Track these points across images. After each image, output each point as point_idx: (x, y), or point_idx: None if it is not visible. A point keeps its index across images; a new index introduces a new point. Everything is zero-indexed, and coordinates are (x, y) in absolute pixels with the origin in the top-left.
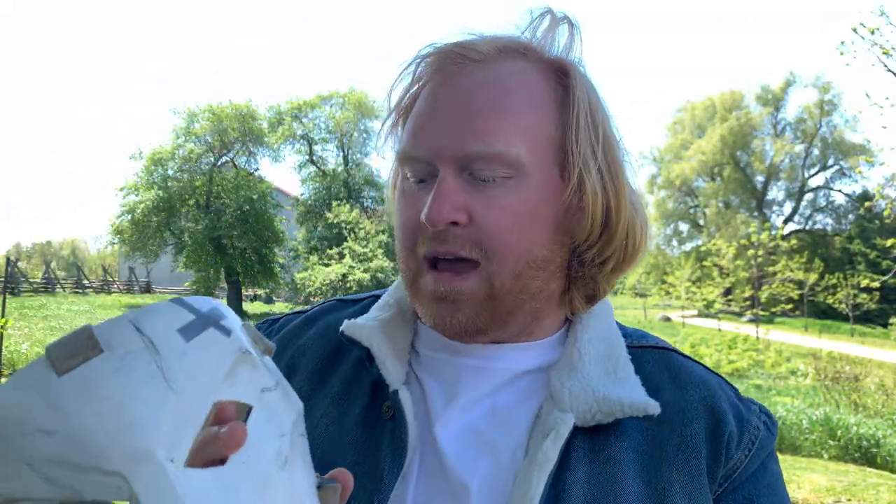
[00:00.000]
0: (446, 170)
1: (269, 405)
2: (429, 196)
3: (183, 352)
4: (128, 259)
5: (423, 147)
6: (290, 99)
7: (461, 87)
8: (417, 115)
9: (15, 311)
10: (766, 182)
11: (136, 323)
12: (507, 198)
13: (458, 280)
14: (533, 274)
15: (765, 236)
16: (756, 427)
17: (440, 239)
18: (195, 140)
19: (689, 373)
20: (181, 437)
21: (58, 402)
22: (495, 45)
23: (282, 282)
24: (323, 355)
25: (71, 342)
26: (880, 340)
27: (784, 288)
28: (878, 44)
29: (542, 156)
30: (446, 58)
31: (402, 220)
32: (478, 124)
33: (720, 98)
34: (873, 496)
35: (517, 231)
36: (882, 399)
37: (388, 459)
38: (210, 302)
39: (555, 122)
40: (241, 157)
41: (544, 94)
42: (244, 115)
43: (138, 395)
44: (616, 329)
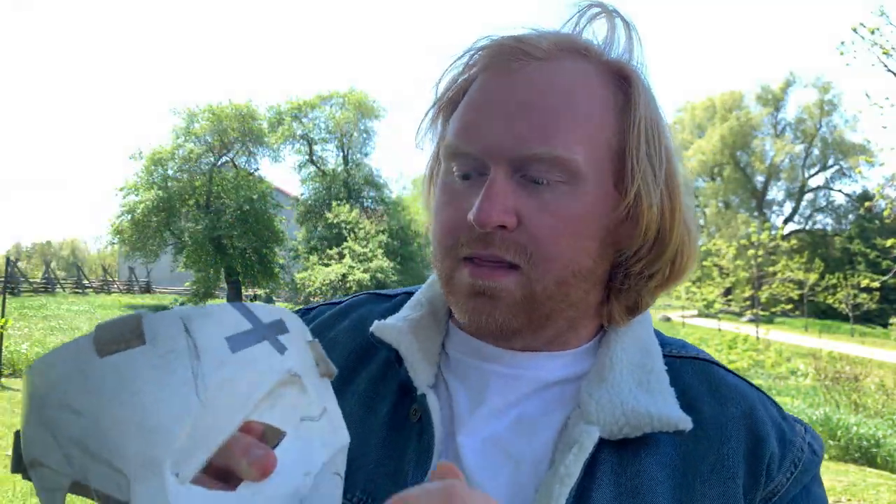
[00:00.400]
0: (498, 169)
1: (305, 436)
2: (475, 195)
3: (223, 362)
4: (128, 259)
5: (476, 143)
6: (290, 99)
7: (521, 84)
8: (469, 108)
9: (15, 311)
10: (766, 182)
11: (187, 321)
12: (560, 203)
13: (497, 276)
14: (576, 283)
15: (765, 236)
16: (800, 449)
17: (485, 241)
18: (195, 140)
19: (729, 387)
20: (194, 453)
21: (91, 384)
22: (556, 42)
23: (282, 282)
24: (352, 350)
25: (119, 326)
26: (880, 340)
27: (784, 288)
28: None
29: (599, 164)
30: (504, 51)
31: (443, 218)
32: (538, 125)
33: (720, 98)
34: (873, 496)
35: (566, 239)
36: (882, 399)
37: (412, 464)
38: (278, 313)
39: (614, 130)
40: (241, 157)
41: (606, 99)
42: (244, 115)
43: (164, 400)
44: (654, 338)
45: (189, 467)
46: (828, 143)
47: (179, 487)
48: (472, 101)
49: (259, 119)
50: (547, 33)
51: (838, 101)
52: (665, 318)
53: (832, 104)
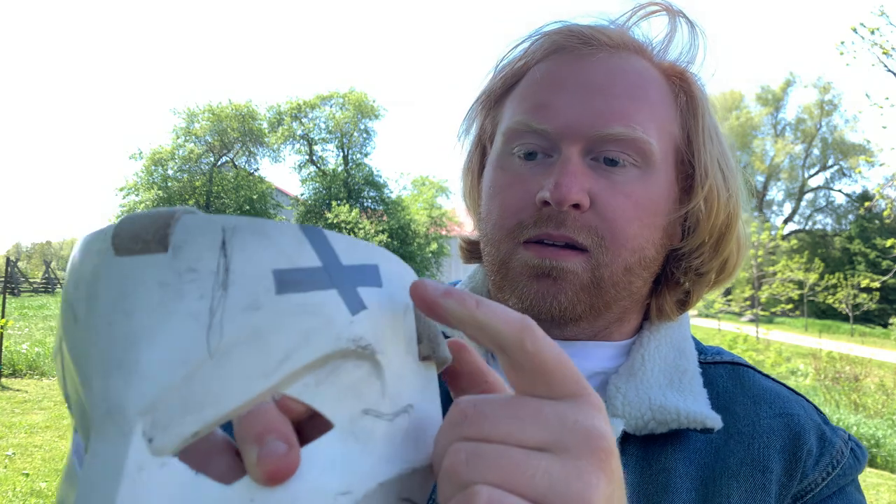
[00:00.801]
0: (572, 149)
1: (362, 437)
2: (542, 175)
3: (258, 303)
4: None
5: (551, 121)
6: (290, 99)
7: (595, 67)
8: (540, 87)
9: (15, 311)
10: (766, 182)
11: (229, 235)
12: (632, 186)
13: (566, 256)
14: (639, 272)
15: (765, 236)
16: (840, 451)
17: (557, 221)
18: (195, 140)
19: (765, 389)
20: (182, 417)
21: (95, 286)
22: (622, 35)
23: None
24: None
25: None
26: (880, 340)
27: (784, 288)
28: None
29: (667, 154)
30: (576, 37)
31: (504, 199)
32: (617, 106)
33: (720, 98)
34: (873, 496)
35: (637, 224)
36: (882, 399)
37: None
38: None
39: (677, 122)
40: (241, 158)
41: (669, 90)
42: (244, 115)
43: (160, 333)
44: (690, 342)
45: (170, 435)
46: (828, 143)
47: (147, 457)
48: (541, 81)
49: (259, 119)
50: (614, 27)
51: (838, 101)
52: None
53: (832, 104)
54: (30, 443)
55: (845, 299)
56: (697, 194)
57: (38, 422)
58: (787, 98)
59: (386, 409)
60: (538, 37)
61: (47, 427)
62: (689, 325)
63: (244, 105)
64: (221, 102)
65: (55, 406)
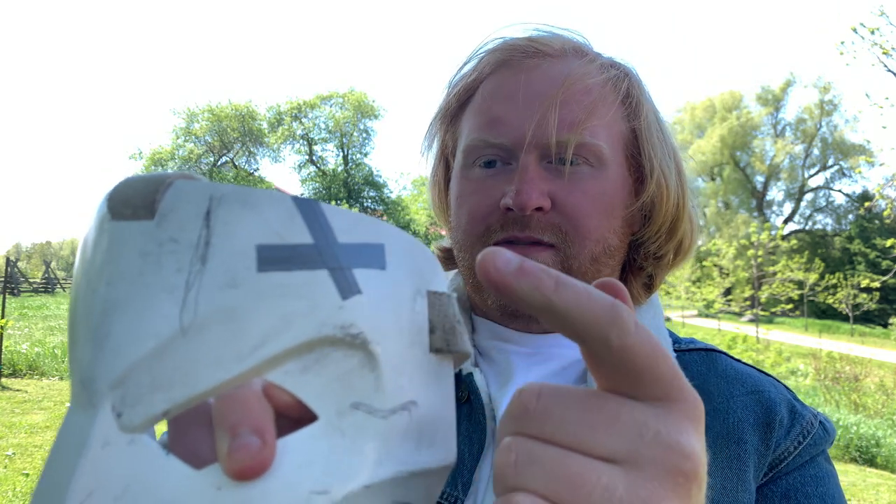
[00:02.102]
0: (528, 156)
1: (349, 433)
2: (503, 182)
3: (235, 281)
4: None
5: (505, 134)
6: (290, 99)
7: (540, 78)
8: (491, 103)
9: (15, 311)
10: (766, 182)
11: (213, 205)
12: (588, 184)
13: (536, 252)
14: (606, 261)
15: (765, 236)
16: (810, 422)
17: (522, 224)
18: (195, 140)
19: (738, 371)
20: (152, 394)
21: (90, 249)
22: (566, 41)
23: None
24: None
25: (141, 185)
26: (880, 340)
27: (784, 288)
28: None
29: (617, 150)
30: (518, 50)
31: (470, 207)
32: (566, 114)
33: (720, 98)
34: (873, 496)
35: (597, 216)
36: (882, 399)
37: (466, 442)
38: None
39: (624, 118)
40: (241, 158)
41: (614, 89)
42: (244, 116)
43: (134, 305)
44: (665, 331)
45: (138, 412)
46: (828, 143)
47: (114, 432)
48: (493, 96)
49: (259, 119)
50: (556, 35)
51: (838, 101)
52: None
53: (832, 104)
54: (30, 443)
55: (845, 299)
56: (649, 185)
57: (38, 422)
58: (787, 98)
59: (380, 405)
60: (484, 54)
61: (47, 427)
62: (663, 315)
63: (244, 105)
64: (221, 102)
65: (55, 406)
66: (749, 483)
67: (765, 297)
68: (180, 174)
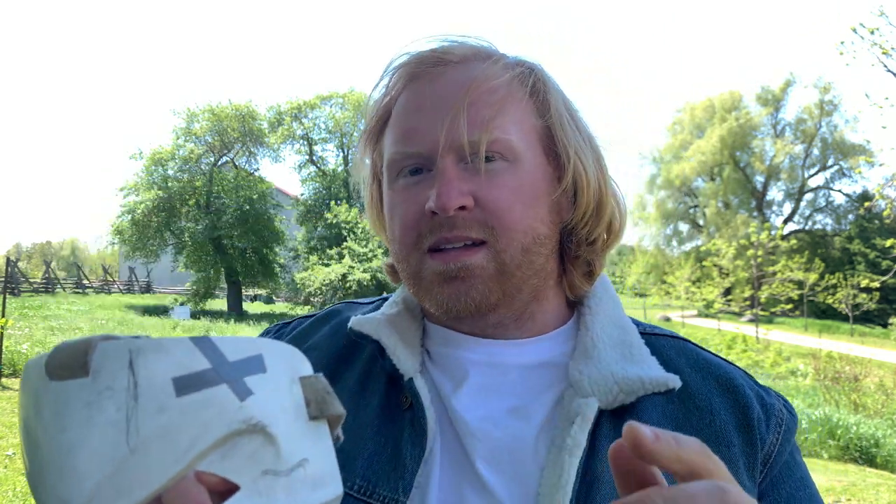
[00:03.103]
0: (446, 160)
1: (264, 492)
2: (427, 188)
3: (163, 407)
4: (128, 259)
5: (420, 143)
6: (290, 99)
7: (446, 84)
8: (404, 116)
9: (15, 311)
10: (765, 182)
11: (134, 355)
12: (506, 178)
13: (468, 255)
14: (537, 250)
15: (764, 236)
16: (780, 410)
17: (449, 225)
18: (195, 140)
19: (707, 360)
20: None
21: (36, 408)
22: (468, 47)
23: (282, 282)
24: (336, 352)
25: (70, 351)
26: (880, 340)
27: (784, 288)
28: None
29: (531, 143)
30: (423, 62)
31: (401, 216)
32: (474, 115)
33: (720, 98)
34: (873, 496)
35: (520, 207)
36: (882, 399)
37: (408, 447)
38: (257, 347)
39: (534, 112)
40: (241, 158)
41: (521, 85)
42: (244, 115)
43: (88, 442)
44: (628, 319)
45: None
46: (828, 143)
47: None
48: (404, 110)
49: (259, 119)
50: (459, 43)
51: (838, 101)
52: (665, 318)
53: (832, 104)
54: None
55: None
56: (567, 171)
57: None
58: (787, 98)
59: (282, 467)
60: (393, 72)
61: None
62: (621, 304)
63: (244, 105)
64: (221, 102)
65: None
66: (743, 482)
67: (765, 297)
68: (100, 337)
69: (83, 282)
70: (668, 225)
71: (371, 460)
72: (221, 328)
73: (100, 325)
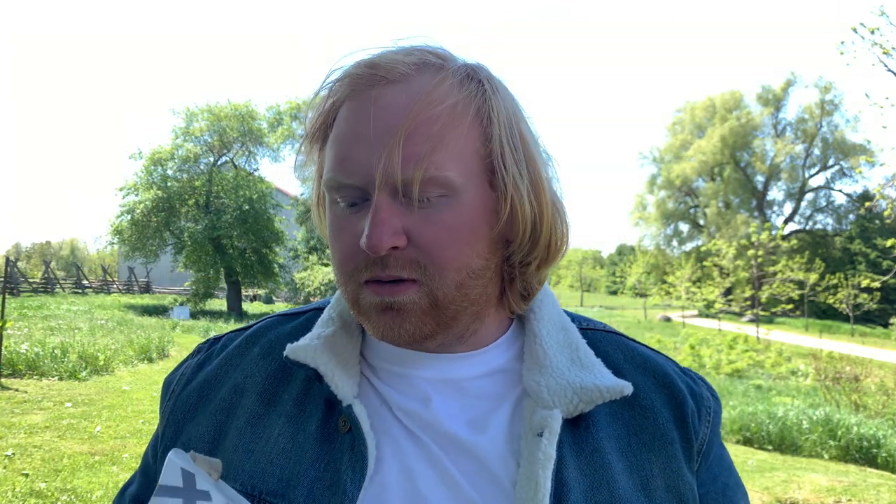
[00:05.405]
0: (380, 195)
1: None
2: (364, 221)
3: None
4: (127, 259)
5: (354, 174)
6: (290, 99)
7: (384, 110)
8: (341, 141)
9: (15, 311)
10: (766, 182)
11: None
12: (443, 215)
13: (401, 291)
14: (472, 283)
15: (765, 236)
16: (707, 399)
17: (382, 264)
18: (194, 140)
19: (641, 354)
20: None
21: None
22: (411, 61)
23: (281, 282)
24: (270, 374)
25: None
26: (881, 340)
27: (784, 288)
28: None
29: (471, 172)
30: (362, 80)
31: (339, 247)
32: (411, 150)
33: (720, 98)
34: (874, 496)
35: (456, 246)
36: (882, 399)
37: (348, 473)
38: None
39: (479, 136)
40: (241, 157)
41: (466, 108)
42: (243, 115)
43: None
44: (566, 316)
45: None
46: (828, 143)
47: None
48: (341, 133)
49: (258, 119)
50: (403, 51)
51: (839, 101)
52: (665, 318)
53: (833, 104)
54: (29, 443)
55: (846, 299)
56: (506, 203)
57: (37, 422)
58: (788, 98)
59: None
60: (339, 76)
61: (47, 427)
62: (556, 300)
63: (243, 105)
64: (220, 102)
65: (54, 406)
66: (685, 475)
67: (765, 297)
68: None
69: (82, 282)
70: (668, 225)
71: (311, 487)
72: (221, 328)
73: (99, 325)
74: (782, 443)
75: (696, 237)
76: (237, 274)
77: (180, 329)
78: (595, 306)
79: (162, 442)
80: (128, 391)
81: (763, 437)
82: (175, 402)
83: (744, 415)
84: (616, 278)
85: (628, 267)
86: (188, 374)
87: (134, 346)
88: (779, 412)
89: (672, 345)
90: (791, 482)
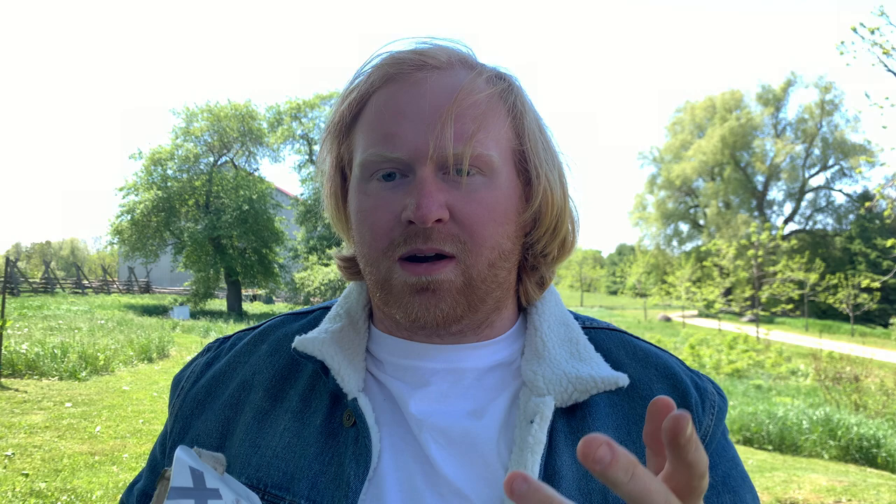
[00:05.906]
0: (426, 170)
1: None
2: (403, 195)
3: None
4: (127, 259)
5: (401, 149)
6: (290, 99)
7: (431, 91)
8: (385, 118)
9: (15, 311)
10: (766, 182)
11: None
12: (482, 194)
13: (438, 269)
14: (502, 264)
15: (765, 236)
16: (712, 394)
17: (424, 236)
18: (194, 140)
19: (644, 350)
20: None
21: None
22: (451, 53)
23: (281, 282)
24: (278, 371)
25: None
26: (881, 340)
27: (784, 288)
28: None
29: (506, 159)
30: (406, 64)
31: (373, 222)
32: (458, 128)
33: (720, 98)
34: (874, 496)
35: (492, 224)
36: (882, 399)
37: (352, 466)
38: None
39: (511, 127)
40: (241, 157)
41: (500, 100)
42: (243, 115)
43: None
44: (569, 314)
45: None
46: (828, 143)
47: None
48: (384, 111)
49: (258, 119)
50: (441, 46)
51: (839, 100)
52: (665, 318)
53: (833, 104)
54: (29, 443)
55: (846, 299)
56: (537, 192)
57: (37, 422)
58: (788, 98)
59: None
60: (372, 69)
61: (47, 427)
62: (562, 301)
63: (243, 105)
64: (220, 102)
65: (54, 406)
66: None
67: (765, 297)
68: None
69: (82, 282)
70: (668, 225)
71: (315, 480)
72: (221, 328)
73: (99, 325)
74: (782, 443)
75: (696, 237)
76: (237, 274)
77: (180, 329)
78: (595, 306)
79: (170, 438)
80: (128, 391)
81: (763, 437)
82: (184, 399)
83: (744, 415)
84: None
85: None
86: (197, 372)
87: (134, 347)
88: (779, 412)
89: (672, 345)
90: (791, 482)
